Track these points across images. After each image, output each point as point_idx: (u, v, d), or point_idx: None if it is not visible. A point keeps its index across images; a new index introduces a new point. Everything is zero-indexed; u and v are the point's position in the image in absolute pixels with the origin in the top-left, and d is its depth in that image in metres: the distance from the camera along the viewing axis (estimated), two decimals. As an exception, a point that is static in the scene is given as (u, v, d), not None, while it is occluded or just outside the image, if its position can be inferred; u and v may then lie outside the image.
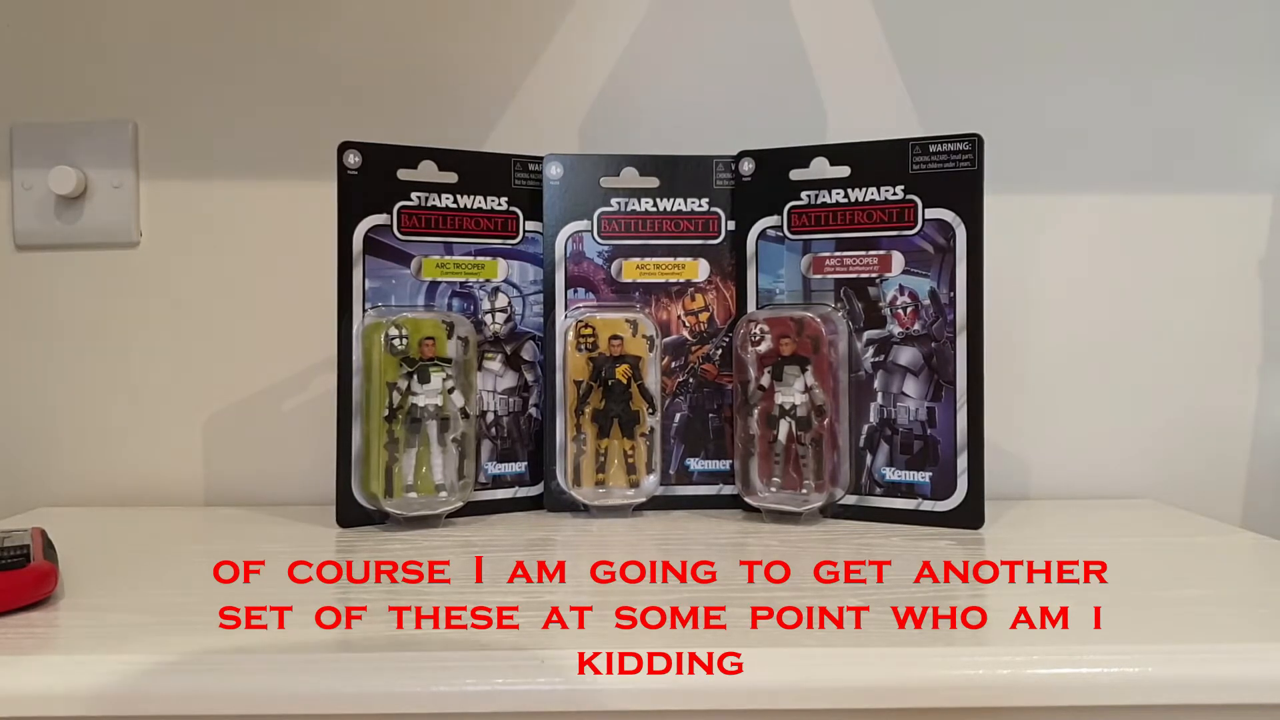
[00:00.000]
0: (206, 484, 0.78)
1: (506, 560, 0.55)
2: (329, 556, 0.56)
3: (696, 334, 0.70)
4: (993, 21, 0.78)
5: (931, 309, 0.63)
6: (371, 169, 0.65)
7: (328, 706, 0.38)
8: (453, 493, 0.64)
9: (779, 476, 0.65)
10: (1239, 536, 0.61)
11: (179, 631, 0.42)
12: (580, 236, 0.69)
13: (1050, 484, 0.78)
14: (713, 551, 0.57)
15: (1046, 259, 0.78)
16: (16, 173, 0.76)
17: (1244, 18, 0.78)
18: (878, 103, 0.78)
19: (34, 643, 0.41)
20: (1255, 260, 0.78)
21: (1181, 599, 0.47)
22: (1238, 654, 0.40)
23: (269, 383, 0.78)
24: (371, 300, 0.65)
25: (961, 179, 0.63)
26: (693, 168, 0.70)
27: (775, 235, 0.68)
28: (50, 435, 0.78)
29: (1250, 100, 0.78)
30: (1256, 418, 0.79)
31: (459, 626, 0.43)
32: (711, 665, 0.39)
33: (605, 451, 0.68)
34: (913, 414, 0.64)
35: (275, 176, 0.78)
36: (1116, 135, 0.78)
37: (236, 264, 0.78)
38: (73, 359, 0.78)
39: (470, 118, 0.78)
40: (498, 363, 0.69)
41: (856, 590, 0.48)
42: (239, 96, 0.77)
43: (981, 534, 0.61)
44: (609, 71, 0.78)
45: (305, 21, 0.77)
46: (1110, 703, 0.39)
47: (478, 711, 0.39)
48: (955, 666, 0.39)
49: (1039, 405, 0.79)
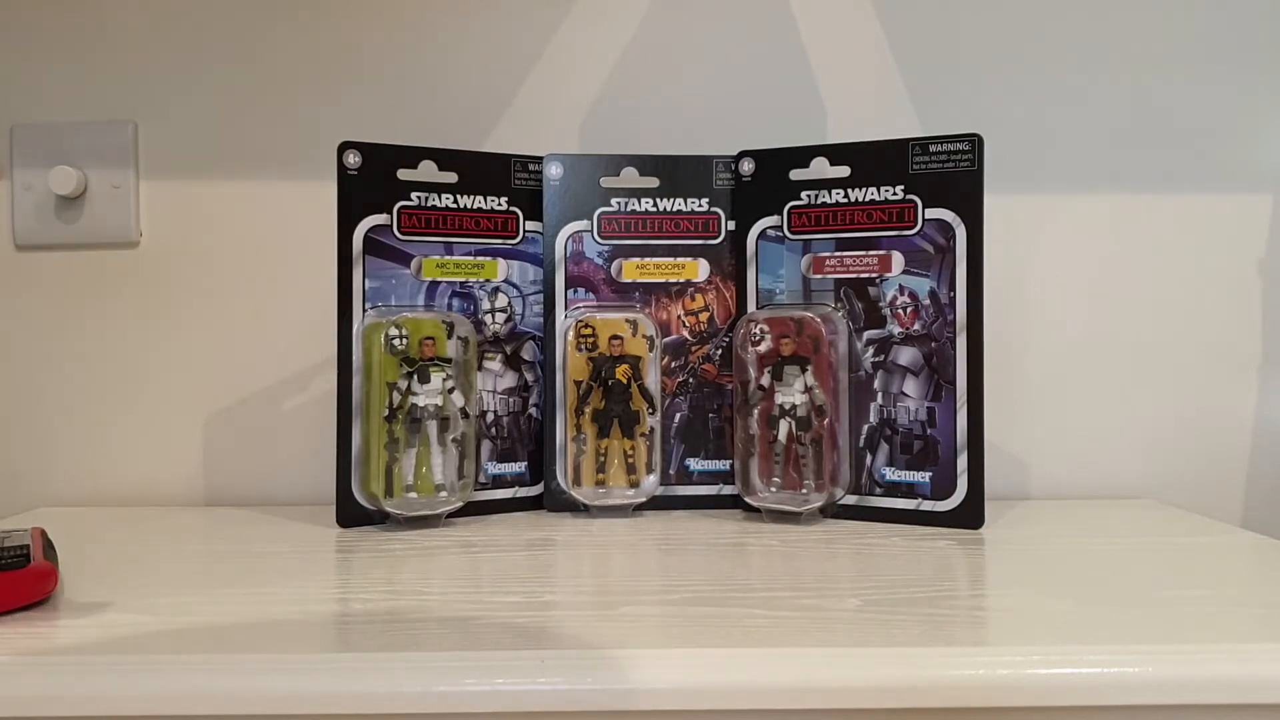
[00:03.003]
0: (206, 484, 0.78)
1: (506, 560, 0.55)
2: (329, 556, 0.56)
3: (696, 334, 0.70)
4: (993, 22, 0.78)
5: (931, 309, 0.63)
6: (371, 169, 0.65)
7: (328, 706, 0.38)
8: (453, 493, 0.64)
9: (779, 476, 0.65)
10: (1239, 536, 0.61)
11: (179, 631, 0.42)
12: (580, 236, 0.69)
13: (1050, 484, 0.78)
14: (713, 551, 0.57)
15: (1046, 259, 0.78)
16: (16, 173, 0.76)
17: (1244, 18, 0.78)
18: (878, 102, 0.78)
19: (34, 643, 0.41)
20: (1255, 260, 0.78)
21: (1181, 599, 0.47)
22: (1238, 654, 0.40)
23: (269, 383, 0.78)
24: (371, 300, 0.65)
25: (961, 179, 0.63)
26: (693, 168, 0.70)
27: (775, 235, 0.68)
28: (50, 435, 0.78)
29: (1250, 100, 0.78)
30: (1256, 418, 0.79)
31: (459, 626, 0.43)
32: (711, 665, 0.39)
33: (605, 451, 0.68)
34: (913, 414, 0.64)
35: (275, 176, 0.78)
36: (1116, 135, 0.78)
37: (236, 264, 0.78)
38: (73, 359, 0.78)
39: (470, 118, 0.78)
40: (498, 363, 0.69)
41: (856, 590, 0.48)
42: (239, 97, 0.78)
43: (981, 534, 0.61)
44: (609, 71, 0.78)
45: (305, 21, 0.77)
46: (1110, 703, 0.39)
47: (478, 711, 0.39)
48: (955, 666, 0.39)
49: (1039, 405, 0.79)
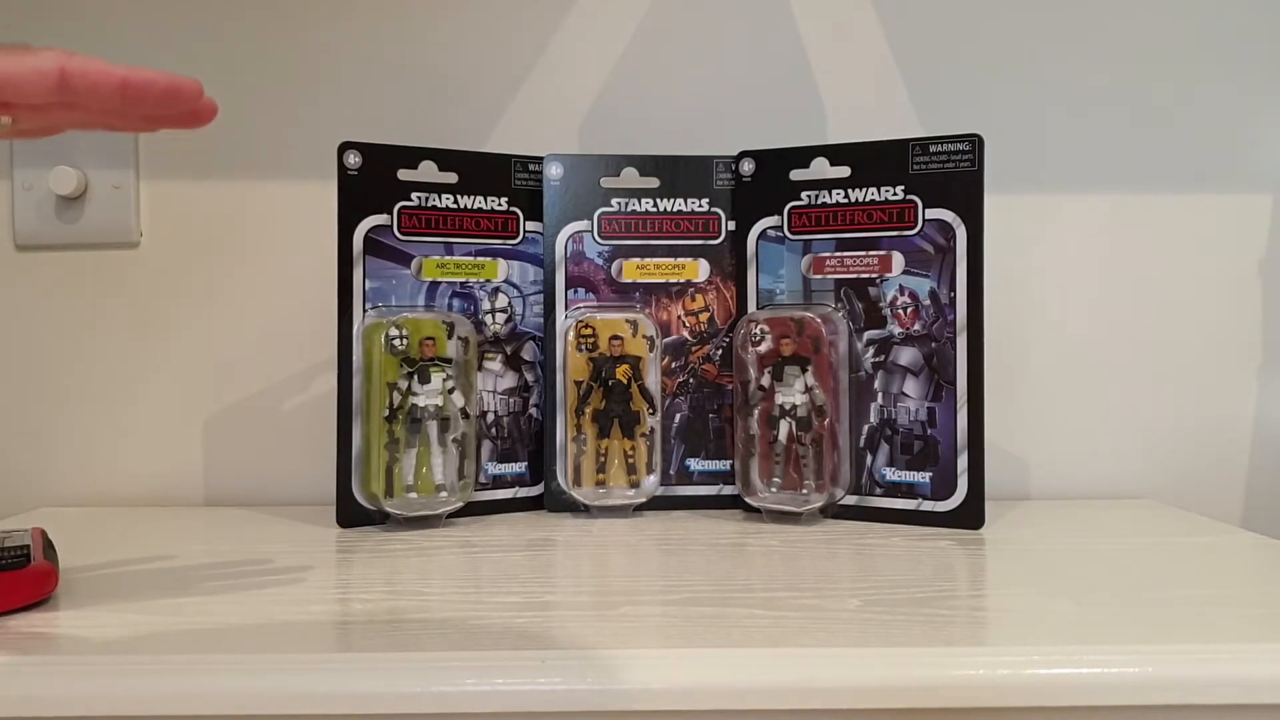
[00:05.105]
0: (206, 484, 0.78)
1: (507, 560, 0.55)
2: (329, 556, 0.56)
3: (697, 334, 0.70)
4: (993, 22, 0.78)
5: (931, 309, 0.63)
6: (371, 169, 0.65)
7: (328, 706, 0.38)
8: (453, 493, 0.64)
9: (779, 476, 0.65)
10: (1239, 536, 0.61)
11: (179, 631, 0.42)
12: (580, 237, 0.69)
13: (1050, 484, 0.78)
14: (713, 551, 0.57)
15: (1046, 259, 0.78)
16: (16, 173, 0.76)
17: (1244, 18, 0.78)
18: (878, 102, 0.78)
19: (34, 643, 0.41)
20: (1255, 260, 0.78)
21: (1181, 599, 0.47)
22: (1238, 654, 0.40)
23: (269, 383, 0.78)
24: (372, 300, 0.65)
25: (961, 179, 0.63)
26: (693, 168, 0.70)
27: (775, 235, 0.68)
28: (50, 435, 0.78)
29: (1250, 100, 0.78)
30: (1256, 418, 0.79)
31: (459, 626, 0.43)
32: (711, 665, 0.39)
33: (605, 452, 0.68)
34: (913, 414, 0.64)
35: (275, 176, 0.78)
36: (1116, 135, 0.78)
37: (237, 264, 0.78)
38: (73, 359, 0.78)
39: (470, 118, 0.78)
40: (498, 363, 0.69)
41: (856, 590, 0.48)
42: (238, 96, 0.77)
43: (981, 534, 0.61)
44: (609, 71, 0.78)
45: (305, 21, 0.77)
46: (1110, 703, 0.39)
47: (478, 711, 0.39)
48: (955, 666, 0.39)
49: (1039, 405, 0.79)
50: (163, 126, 0.40)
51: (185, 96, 0.38)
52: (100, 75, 0.36)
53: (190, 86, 0.38)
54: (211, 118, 0.40)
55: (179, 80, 0.38)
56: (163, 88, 0.37)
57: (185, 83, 0.38)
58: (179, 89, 0.38)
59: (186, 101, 0.38)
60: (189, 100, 0.38)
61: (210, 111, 0.40)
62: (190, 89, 0.38)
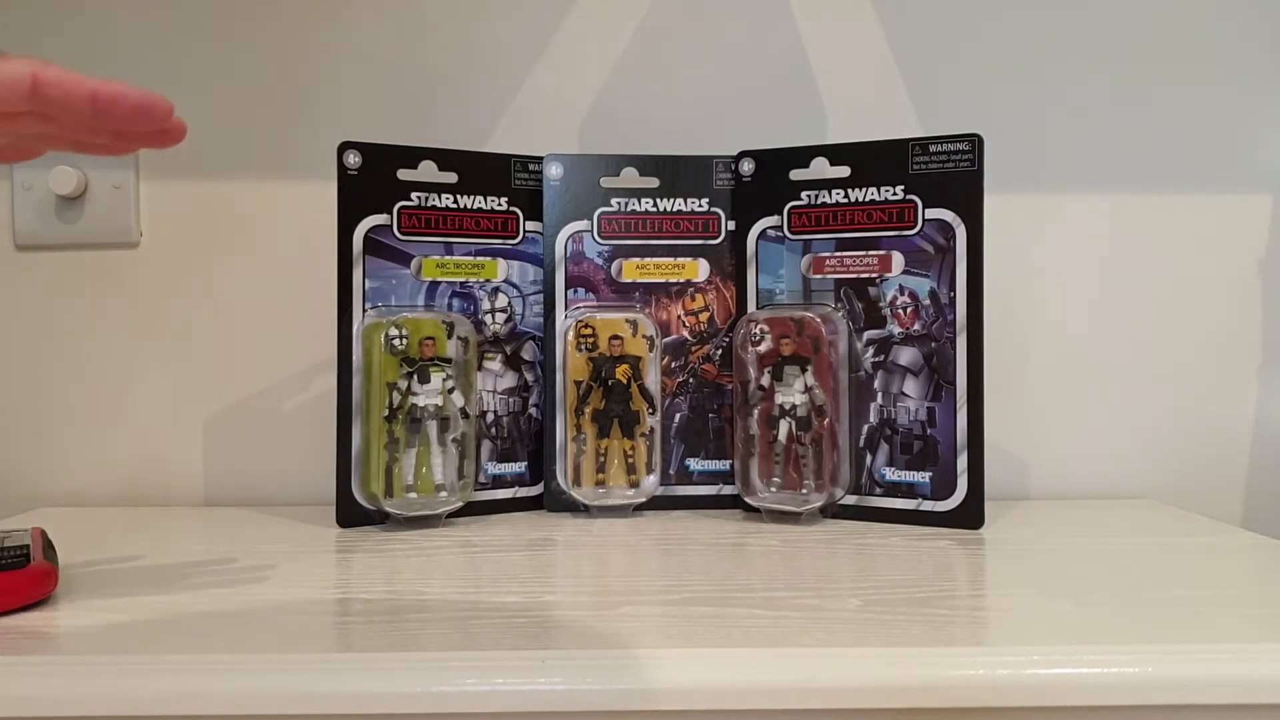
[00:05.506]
0: (206, 484, 0.78)
1: (506, 560, 0.55)
2: (329, 556, 0.56)
3: (696, 334, 0.70)
4: (993, 22, 0.78)
5: (931, 309, 0.63)
6: (371, 169, 0.65)
7: (328, 706, 0.38)
8: (453, 493, 0.64)
9: (779, 476, 0.65)
10: (1239, 536, 0.61)
11: (179, 631, 0.42)
12: (580, 236, 0.69)
13: (1050, 484, 0.78)
14: (713, 551, 0.57)
15: (1046, 259, 0.78)
16: (16, 173, 0.76)
17: (1244, 18, 0.78)
18: (878, 102, 0.78)
19: (34, 643, 0.41)
20: (1255, 260, 0.78)
21: (1181, 599, 0.47)
22: (1238, 654, 0.40)
23: (269, 383, 0.78)
24: (371, 300, 0.65)
25: (961, 179, 0.63)
26: (693, 168, 0.70)
27: (775, 235, 0.68)
28: (50, 435, 0.78)
29: (1250, 100, 0.78)
30: (1256, 418, 0.79)
31: (459, 626, 0.43)
32: (711, 665, 0.39)
33: (605, 451, 0.68)
34: (913, 414, 0.64)
35: (275, 176, 0.78)
36: (1116, 135, 0.78)
37: (236, 264, 0.78)
38: (73, 359, 0.78)
39: (470, 118, 0.78)
40: (498, 363, 0.69)
41: (856, 590, 0.48)
42: (238, 97, 0.77)
43: (981, 534, 0.61)
44: (609, 71, 0.78)
45: (305, 21, 0.77)
46: (1110, 703, 0.39)
47: (478, 711, 0.39)
48: (955, 666, 0.39)
49: (1039, 405, 0.79)
50: (132, 146, 0.40)
51: (155, 114, 0.38)
52: (73, 84, 0.36)
53: (161, 105, 0.38)
54: (181, 138, 0.40)
55: (150, 97, 0.37)
56: (133, 103, 0.37)
57: (156, 100, 0.38)
58: (150, 106, 0.37)
59: (156, 119, 0.38)
60: (159, 118, 0.38)
61: (180, 132, 0.39)
62: (161, 107, 0.38)
